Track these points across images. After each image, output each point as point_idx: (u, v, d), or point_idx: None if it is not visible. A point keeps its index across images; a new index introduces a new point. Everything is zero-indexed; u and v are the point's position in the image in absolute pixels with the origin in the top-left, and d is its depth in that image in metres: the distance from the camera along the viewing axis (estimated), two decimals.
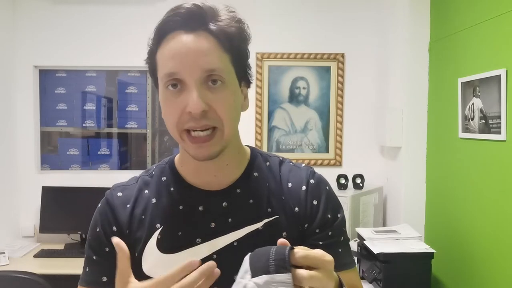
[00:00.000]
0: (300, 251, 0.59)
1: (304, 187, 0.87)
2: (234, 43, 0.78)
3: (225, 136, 0.78)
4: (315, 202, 0.86)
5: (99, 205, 0.89)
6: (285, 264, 0.57)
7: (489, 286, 1.81)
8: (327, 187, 0.89)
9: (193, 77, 0.74)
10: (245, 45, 0.82)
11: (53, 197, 2.93)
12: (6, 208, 2.90)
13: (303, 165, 0.92)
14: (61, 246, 2.84)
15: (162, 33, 0.77)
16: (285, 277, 0.57)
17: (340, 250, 0.85)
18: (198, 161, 0.79)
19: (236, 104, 0.80)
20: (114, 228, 0.85)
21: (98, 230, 0.85)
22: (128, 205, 0.86)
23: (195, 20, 0.75)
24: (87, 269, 0.86)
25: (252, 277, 0.59)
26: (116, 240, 0.70)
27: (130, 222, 0.84)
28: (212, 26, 0.76)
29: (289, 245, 0.60)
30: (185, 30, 0.75)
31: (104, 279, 0.84)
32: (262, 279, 0.58)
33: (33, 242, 2.96)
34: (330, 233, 0.85)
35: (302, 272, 0.58)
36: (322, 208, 0.86)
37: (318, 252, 0.60)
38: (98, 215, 0.87)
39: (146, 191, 0.87)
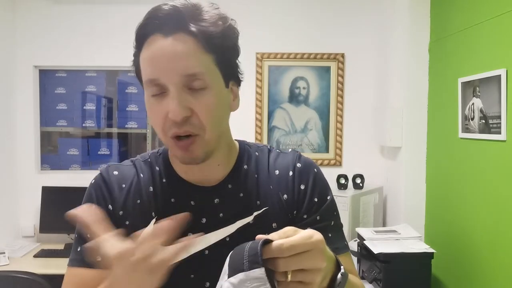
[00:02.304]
0: (280, 241, 0.57)
1: (291, 173, 0.85)
2: (217, 42, 0.74)
3: (207, 142, 0.76)
4: (302, 187, 0.84)
5: (93, 181, 0.85)
6: (258, 259, 0.56)
7: (489, 286, 1.81)
8: (315, 169, 0.88)
9: (172, 82, 0.72)
10: (232, 43, 0.78)
11: (53, 197, 2.93)
12: (6, 208, 2.90)
13: (290, 150, 0.91)
14: (61, 246, 2.84)
15: (140, 37, 0.76)
16: (258, 272, 0.55)
17: (330, 235, 0.83)
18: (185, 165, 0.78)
19: (220, 108, 0.78)
20: (110, 207, 0.81)
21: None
22: (124, 185, 0.83)
23: (173, 22, 0.72)
24: (79, 249, 0.82)
25: (229, 277, 0.57)
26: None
27: (125, 204, 0.82)
28: (192, 28, 0.73)
29: (265, 239, 0.58)
30: (163, 33, 0.73)
31: (99, 258, 0.81)
32: (237, 278, 0.56)
33: (33, 242, 2.96)
34: (318, 217, 0.83)
35: (282, 259, 0.57)
36: (309, 192, 0.84)
37: (304, 234, 0.59)
38: (93, 191, 0.83)
39: (142, 175, 0.85)
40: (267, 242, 0.58)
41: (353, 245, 2.29)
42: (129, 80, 3.15)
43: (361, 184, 2.69)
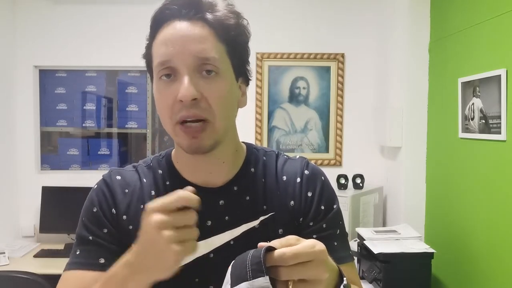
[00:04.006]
0: (283, 249, 0.57)
1: (298, 179, 0.85)
2: (231, 34, 0.77)
3: (217, 129, 0.76)
4: (309, 194, 0.84)
5: (95, 186, 0.85)
6: (261, 268, 0.55)
7: (489, 286, 1.81)
8: (323, 178, 0.88)
9: (185, 64, 0.72)
10: (243, 39, 0.80)
11: (53, 197, 2.93)
12: (6, 208, 2.90)
13: (298, 156, 0.90)
14: (61, 246, 2.83)
15: (157, 23, 0.76)
16: (262, 281, 0.55)
17: (335, 244, 0.83)
18: (190, 154, 0.77)
19: (231, 97, 0.78)
20: (114, 211, 0.81)
21: (95, 210, 0.82)
22: (127, 190, 0.83)
23: (191, 8, 0.74)
24: (78, 252, 0.81)
25: (232, 287, 0.57)
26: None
27: (128, 209, 0.82)
28: (209, 15, 0.75)
29: (267, 246, 0.57)
30: (180, 18, 0.74)
31: (102, 260, 0.79)
32: (240, 287, 0.56)
33: (33, 242, 2.96)
34: (324, 225, 0.83)
35: (284, 268, 0.56)
36: (316, 200, 0.84)
37: (307, 244, 0.58)
38: (95, 196, 0.83)
39: (145, 180, 0.85)
40: (270, 249, 0.57)
41: (353, 245, 2.29)
42: (129, 80, 3.15)
43: (361, 184, 2.70)
